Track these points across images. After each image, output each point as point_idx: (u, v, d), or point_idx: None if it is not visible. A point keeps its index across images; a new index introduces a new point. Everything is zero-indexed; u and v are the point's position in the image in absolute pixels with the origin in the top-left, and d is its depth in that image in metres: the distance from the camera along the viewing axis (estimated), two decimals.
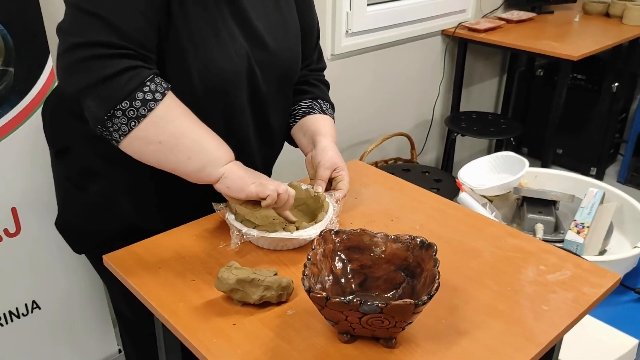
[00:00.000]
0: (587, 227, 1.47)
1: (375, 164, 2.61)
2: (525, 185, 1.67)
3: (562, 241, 1.44)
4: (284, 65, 1.11)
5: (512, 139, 2.57)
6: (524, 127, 2.70)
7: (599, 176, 3.22)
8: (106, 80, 0.86)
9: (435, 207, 1.17)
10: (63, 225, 1.21)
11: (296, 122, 1.20)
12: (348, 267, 0.87)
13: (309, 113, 1.19)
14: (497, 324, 0.84)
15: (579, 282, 0.94)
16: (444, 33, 2.74)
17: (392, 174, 1.29)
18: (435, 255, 0.81)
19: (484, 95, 3.24)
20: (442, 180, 2.07)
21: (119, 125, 0.88)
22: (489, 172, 1.74)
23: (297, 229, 1.00)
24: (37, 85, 1.38)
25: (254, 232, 0.99)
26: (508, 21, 2.85)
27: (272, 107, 1.13)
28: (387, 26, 2.44)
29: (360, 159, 2.38)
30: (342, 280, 0.86)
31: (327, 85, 1.27)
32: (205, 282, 0.93)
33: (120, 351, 1.83)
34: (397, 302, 0.71)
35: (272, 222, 1.06)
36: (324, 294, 0.73)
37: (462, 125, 2.61)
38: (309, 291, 0.74)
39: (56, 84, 1.27)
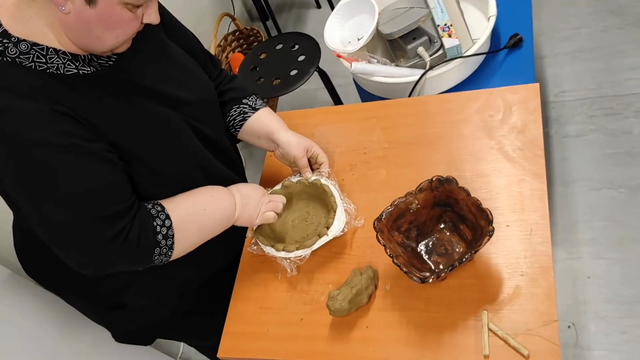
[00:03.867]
0: (451, 25, 1.71)
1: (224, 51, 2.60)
2: None
3: (441, 47, 1.68)
4: (208, 100, 1.15)
5: None
6: None
7: None
8: (135, 261, 0.97)
9: (375, 115, 1.35)
10: (124, 337, 1.30)
11: (238, 131, 1.26)
12: (402, 231, 1.08)
13: (244, 118, 1.25)
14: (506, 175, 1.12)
15: (521, 110, 1.21)
16: None
17: (257, 67, 1.40)
18: (458, 185, 1.03)
19: None
20: (298, 44, 2.16)
21: (160, 260, 1.01)
22: (342, 24, 1.85)
23: (327, 228, 1.15)
24: None
25: (301, 252, 1.14)
26: None
27: (219, 136, 1.19)
28: None
29: None
30: (407, 241, 1.07)
31: (234, 78, 1.30)
32: (310, 313, 1.11)
33: None
34: (481, 245, 0.95)
35: (292, 226, 1.21)
36: (433, 276, 0.95)
37: None
38: (423, 281, 0.95)
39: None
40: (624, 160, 1.96)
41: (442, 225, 1.09)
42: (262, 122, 1.24)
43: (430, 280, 0.95)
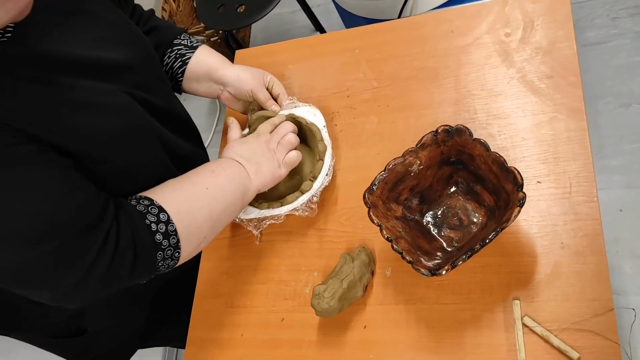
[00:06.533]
0: None
1: None
2: None
3: None
4: (149, 60, 0.88)
5: None
6: None
7: None
8: (135, 276, 0.73)
9: (358, 45, 1.06)
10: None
11: (181, 80, 1.01)
12: (402, 201, 0.82)
13: (185, 62, 0.99)
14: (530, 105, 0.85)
15: (547, 24, 0.92)
16: None
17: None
18: (472, 137, 0.76)
19: None
20: None
21: (166, 265, 0.76)
22: None
23: (314, 177, 0.92)
24: None
25: (300, 201, 0.90)
26: None
27: (171, 103, 0.94)
28: None
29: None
30: (408, 215, 0.82)
31: (152, 15, 1.02)
32: (292, 311, 0.88)
33: None
34: (511, 220, 0.69)
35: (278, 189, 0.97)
36: (447, 266, 0.71)
37: None
38: (434, 273, 0.71)
39: None
40: None
41: (452, 189, 0.83)
42: (201, 62, 0.98)
43: (444, 272, 0.71)
